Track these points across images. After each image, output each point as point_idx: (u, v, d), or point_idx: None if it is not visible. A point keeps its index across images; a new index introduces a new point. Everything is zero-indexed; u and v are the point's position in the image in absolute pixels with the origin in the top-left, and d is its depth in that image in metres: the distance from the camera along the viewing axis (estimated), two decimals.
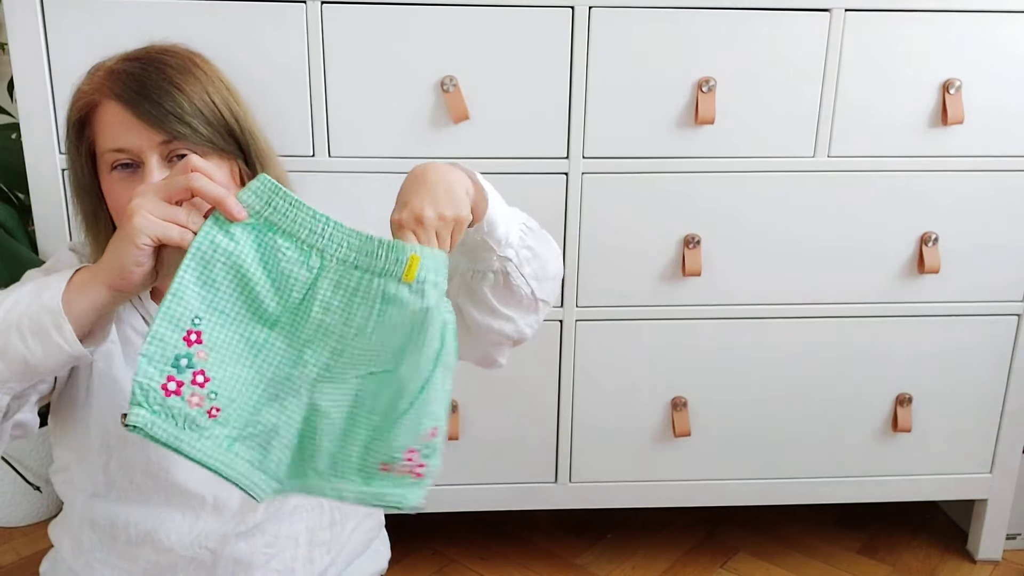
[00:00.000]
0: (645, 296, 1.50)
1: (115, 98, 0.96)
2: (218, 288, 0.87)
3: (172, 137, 0.96)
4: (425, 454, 0.89)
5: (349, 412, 0.90)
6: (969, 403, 1.61)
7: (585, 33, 1.36)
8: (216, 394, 0.87)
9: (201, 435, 0.87)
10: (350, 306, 0.88)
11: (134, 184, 0.96)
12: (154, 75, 0.97)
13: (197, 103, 0.98)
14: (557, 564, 1.70)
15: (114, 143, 0.96)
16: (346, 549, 1.18)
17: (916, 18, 1.40)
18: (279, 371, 0.89)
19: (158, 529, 1.06)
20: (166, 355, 0.86)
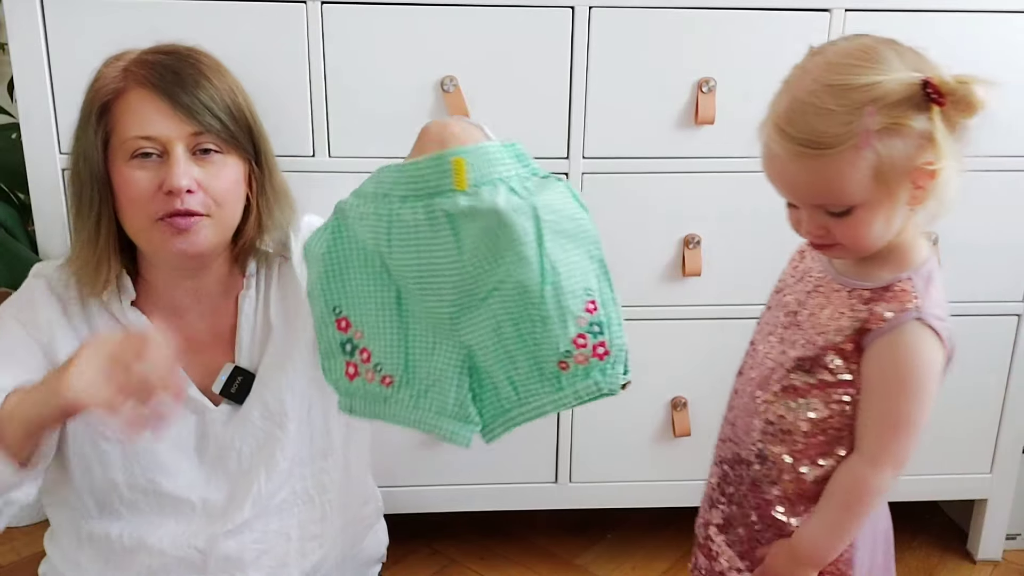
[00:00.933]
0: (645, 296, 1.50)
1: (148, 86, 0.96)
2: (336, 276, 0.92)
3: (203, 129, 0.97)
4: (595, 332, 0.91)
5: (496, 335, 0.91)
6: (969, 403, 1.61)
7: (585, 33, 1.36)
8: (381, 365, 0.93)
9: (388, 403, 0.94)
10: (430, 239, 0.88)
11: (156, 174, 0.96)
12: (188, 68, 0.99)
13: (227, 100, 1.00)
14: (557, 564, 1.70)
15: (142, 130, 0.96)
16: (340, 541, 1.18)
17: (916, 18, 1.40)
18: (418, 324, 0.93)
19: (150, 535, 1.07)
20: (333, 347, 0.94)
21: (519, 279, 0.87)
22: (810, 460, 0.95)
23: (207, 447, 1.09)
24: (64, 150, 1.33)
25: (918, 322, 0.88)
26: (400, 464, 1.56)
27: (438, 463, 1.57)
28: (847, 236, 0.87)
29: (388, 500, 1.43)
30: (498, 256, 0.87)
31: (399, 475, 1.56)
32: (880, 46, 0.85)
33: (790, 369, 0.94)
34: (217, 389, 1.08)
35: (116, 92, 0.98)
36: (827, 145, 0.82)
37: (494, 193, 0.86)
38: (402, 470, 1.56)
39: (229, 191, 1.02)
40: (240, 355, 1.10)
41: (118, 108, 0.98)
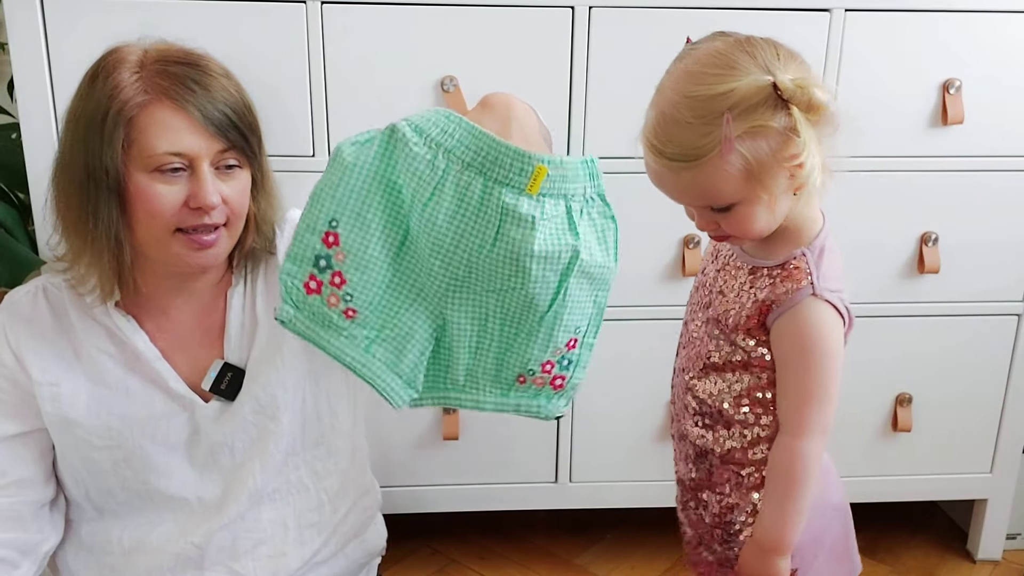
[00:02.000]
0: (645, 296, 1.50)
1: (178, 100, 0.95)
2: (352, 191, 0.87)
3: (231, 146, 0.97)
4: (563, 365, 0.91)
5: (480, 325, 0.91)
6: (969, 403, 1.61)
7: (585, 33, 1.36)
8: (352, 296, 0.88)
9: (339, 334, 0.89)
10: (473, 216, 0.86)
11: (182, 189, 0.96)
12: (210, 80, 0.98)
13: (244, 110, 1.00)
14: (557, 564, 1.70)
15: (171, 146, 0.95)
16: (340, 530, 1.18)
17: (916, 18, 1.39)
18: (413, 278, 0.90)
19: (149, 534, 1.07)
20: (307, 255, 0.88)
21: (530, 293, 0.88)
22: (740, 435, 0.99)
23: (199, 443, 1.08)
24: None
25: (813, 297, 0.93)
26: (400, 464, 1.56)
27: (438, 463, 1.57)
28: (734, 228, 0.92)
29: (388, 500, 1.43)
30: (526, 268, 0.87)
31: (399, 475, 1.56)
32: (733, 50, 0.87)
33: (712, 348, 0.98)
34: (207, 386, 1.07)
35: (141, 105, 0.95)
36: (694, 157, 0.85)
37: (556, 208, 0.87)
38: (402, 470, 1.56)
39: (245, 203, 1.03)
40: (229, 351, 1.09)
41: (142, 121, 0.95)
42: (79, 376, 1.04)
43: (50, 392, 1.03)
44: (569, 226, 0.88)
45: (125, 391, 1.05)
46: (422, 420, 1.54)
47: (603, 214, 0.91)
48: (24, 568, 1.03)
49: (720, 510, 1.02)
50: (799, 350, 0.94)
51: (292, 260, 0.89)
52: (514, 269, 0.87)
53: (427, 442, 1.55)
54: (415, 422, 1.54)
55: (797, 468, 0.95)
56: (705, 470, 1.02)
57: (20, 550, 1.03)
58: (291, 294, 0.90)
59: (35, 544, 1.05)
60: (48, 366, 1.03)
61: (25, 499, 1.04)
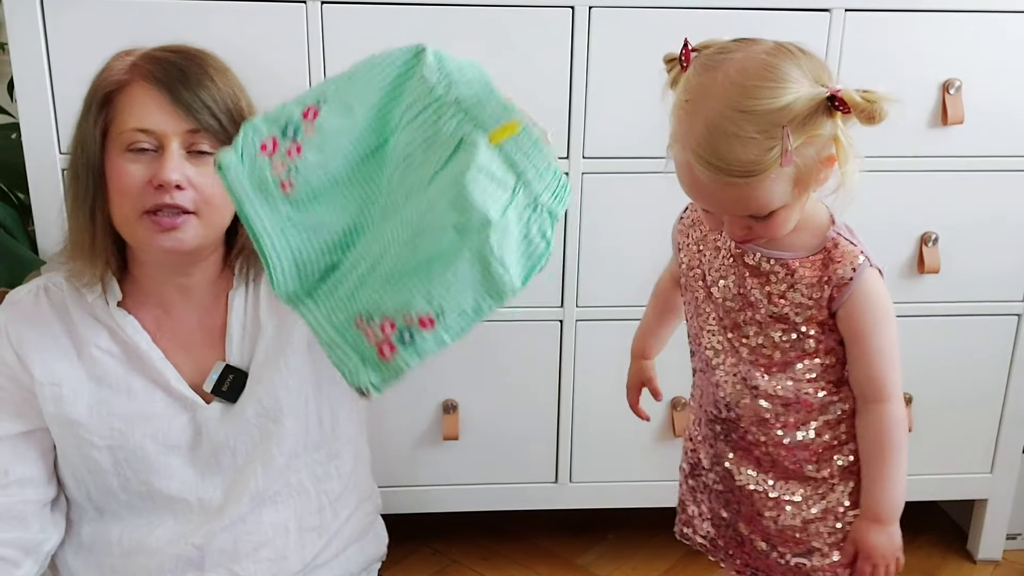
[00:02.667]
0: (645, 296, 1.50)
1: (152, 80, 0.97)
2: (355, 82, 0.87)
3: (200, 127, 0.98)
4: (401, 337, 0.82)
5: (378, 253, 0.84)
6: (969, 403, 1.61)
7: (585, 33, 1.36)
8: (297, 170, 0.85)
9: (266, 200, 0.85)
10: (438, 145, 0.83)
11: (148, 168, 0.97)
12: (194, 67, 1.00)
13: (228, 102, 1.01)
14: (558, 564, 1.70)
15: (140, 123, 0.97)
16: (341, 534, 1.18)
17: (916, 18, 1.39)
18: (361, 186, 0.87)
19: (149, 534, 1.07)
20: (279, 119, 0.86)
21: (420, 240, 0.81)
22: (825, 422, 1.02)
23: (201, 445, 1.08)
24: (64, 150, 1.33)
25: (871, 268, 0.97)
26: (400, 464, 1.56)
27: (438, 463, 1.57)
28: (769, 231, 0.93)
29: (388, 500, 1.43)
30: (440, 209, 0.81)
31: (399, 475, 1.56)
32: (780, 61, 0.87)
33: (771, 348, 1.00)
34: (208, 388, 1.07)
35: (120, 84, 0.99)
36: (755, 171, 0.86)
37: (504, 175, 0.81)
38: (402, 470, 1.56)
39: (219, 191, 0.98)
40: (231, 353, 1.09)
41: (120, 100, 0.99)
42: (81, 375, 1.04)
43: (52, 392, 1.03)
44: (501, 201, 0.81)
45: (127, 391, 1.05)
46: (422, 420, 1.54)
47: (541, 235, 0.83)
48: (26, 567, 1.03)
49: (811, 514, 1.03)
50: (873, 320, 0.98)
51: (264, 119, 0.86)
52: (432, 202, 0.82)
53: (427, 442, 1.55)
54: (415, 422, 1.54)
55: (895, 431, 0.99)
56: (781, 471, 1.04)
57: (22, 549, 1.03)
58: (244, 145, 0.85)
59: (37, 543, 1.05)
60: (50, 366, 1.03)
61: (27, 498, 1.04)
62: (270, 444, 1.09)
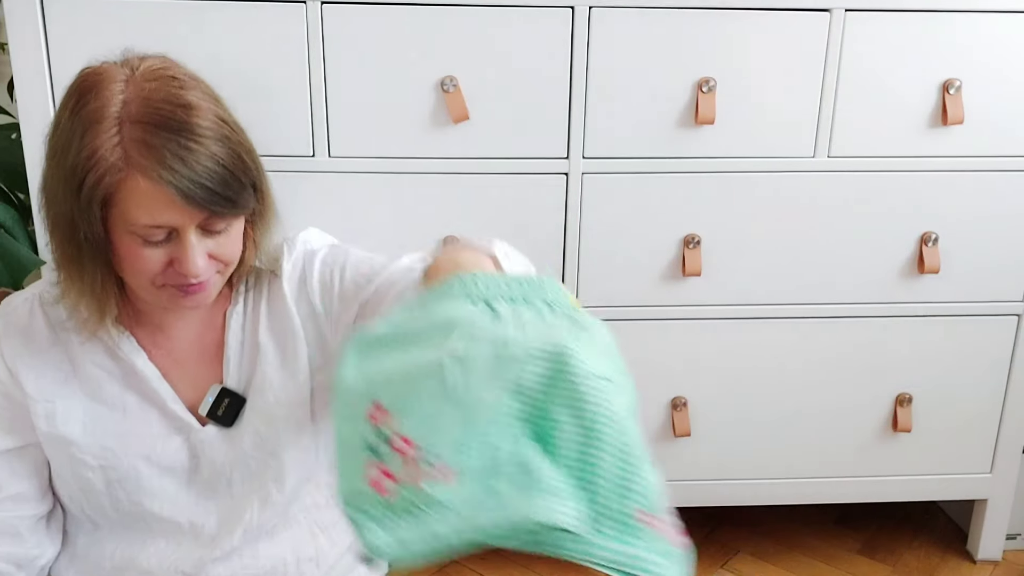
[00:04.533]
0: (645, 296, 1.50)
1: (156, 179, 0.86)
2: (396, 369, 0.69)
3: (215, 214, 0.90)
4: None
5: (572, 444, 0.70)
6: (969, 403, 1.61)
7: (585, 33, 1.36)
8: (430, 450, 0.65)
9: (457, 509, 0.64)
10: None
11: (165, 252, 0.90)
12: (192, 143, 0.87)
13: (236, 172, 0.91)
14: (557, 564, 1.69)
15: (151, 220, 0.88)
16: (340, 563, 1.15)
17: (916, 18, 1.39)
18: (475, 409, 0.67)
19: (139, 554, 1.05)
20: (355, 457, 0.67)
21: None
22: None
23: (196, 469, 1.04)
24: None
25: None
26: None
27: None
28: None
29: None
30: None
31: None
32: None
33: None
34: (204, 411, 1.03)
35: (117, 182, 0.86)
36: None
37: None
38: None
39: (237, 250, 0.97)
40: (228, 374, 1.04)
41: (120, 193, 0.87)
42: (75, 392, 1.01)
43: (44, 409, 1.00)
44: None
45: (123, 409, 1.02)
46: None
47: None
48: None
49: None
50: None
51: (344, 481, 0.67)
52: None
53: None
54: None
55: None
56: None
57: (17, 564, 1.02)
58: (366, 513, 0.65)
59: (33, 558, 1.03)
60: (43, 382, 1.00)
61: (22, 513, 1.02)
62: (267, 478, 1.06)
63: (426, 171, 1.40)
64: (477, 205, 1.43)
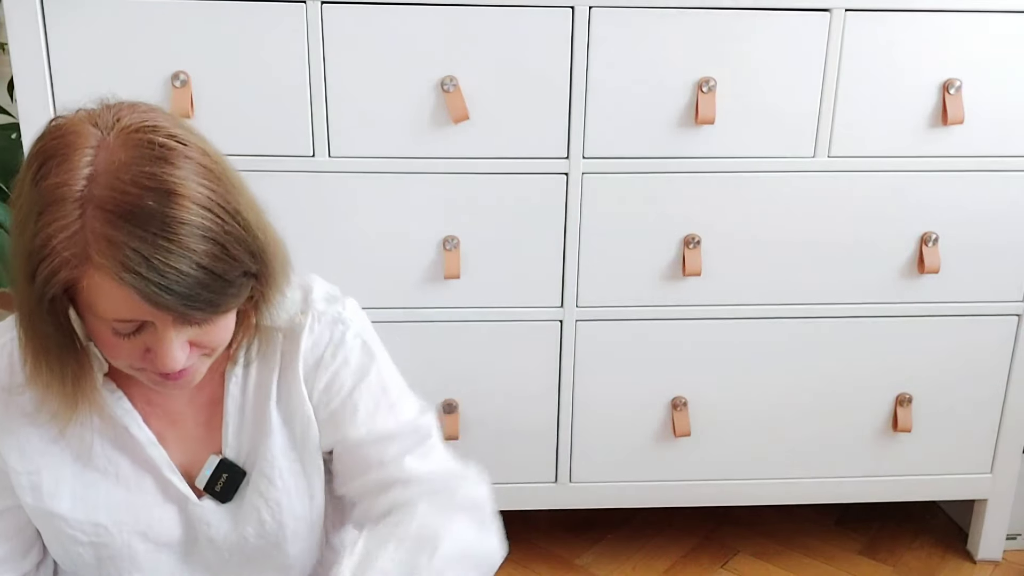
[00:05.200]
0: (645, 296, 1.50)
1: (114, 279, 0.71)
2: None
3: (190, 318, 0.77)
4: None
5: None
6: (969, 403, 1.61)
7: (585, 33, 1.36)
8: None
9: None
10: None
11: (141, 340, 0.79)
12: (165, 247, 0.72)
13: (219, 272, 0.75)
14: (557, 564, 1.70)
15: (118, 315, 0.75)
16: None
17: (916, 18, 1.39)
18: None
19: None
20: None
21: None
22: None
23: (195, 541, 0.96)
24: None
25: None
26: None
27: None
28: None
29: None
30: None
31: None
32: None
33: None
34: (201, 484, 0.93)
35: (75, 277, 0.73)
36: None
37: None
38: None
39: (226, 337, 0.85)
40: (226, 445, 0.94)
41: (81, 287, 0.74)
42: (63, 456, 0.91)
43: (29, 481, 0.90)
44: None
45: (115, 476, 0.92)
46: None
47: None
48: None
49: None
50: None
51: None
52: None
53: None
54: None
55: None
56: None
57: None
58: None
59: None
60: (27, 449, 0.89)
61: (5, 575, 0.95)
62: (268, 569, 0.99)
63: (426, 171, 1.40)
64: (477, 205, 1.43)
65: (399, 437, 0.94)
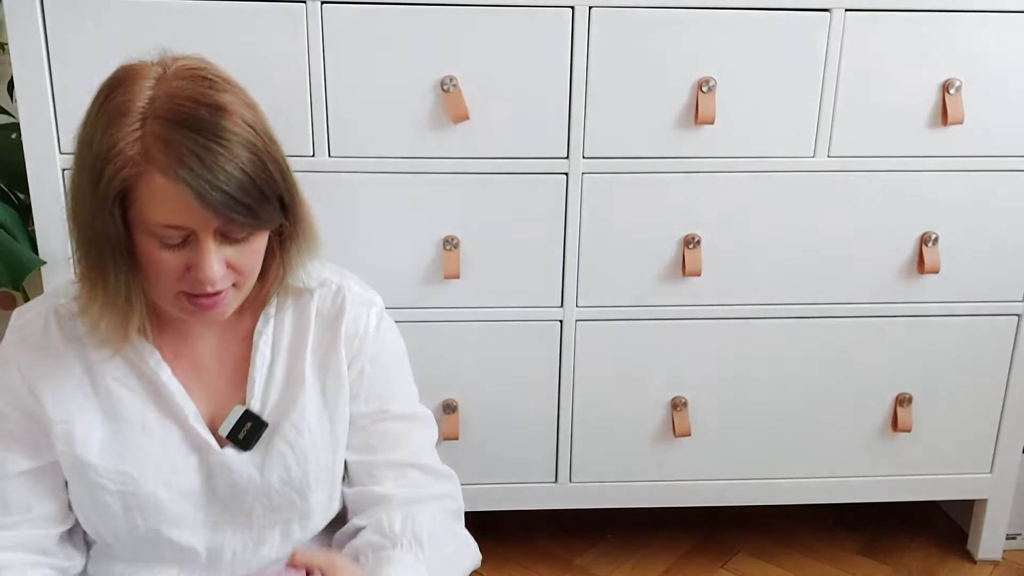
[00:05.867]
0: (645, 296, 1.50)
1: (173, 177, 0.83)
2: None
3: (232, 222, 0.87)
4: None
5: None
6: (969, 403, 1.61)
7: (585, 33, 1.36)
8: None
9: None
10: None
11: (183, 256, 0.88)
12: (216, 146, 0.84)
13: (258, 176, 0.87)
14: (557, 564, 1.70)
15: (167, 220, 0.85)
16: None
17: (916, 18, 1.39)
18: None
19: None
20: None
21: None
22: None
23: (214, 490, 1.01)
24: (64, 150, 1.33)
25: None
26: None
27: None
28: None
29: None
30: None
31: None
32: None
33: None
34: (224, 432, 1.00)
35: (135, 176, 0.84)
36: None
37: None
38: None
39: (256, 261, 0.95)
40: (252, 397, 1.01)
41: (138, 191, 0.85)
42: (95, 410, 0.98)
43: (63, 430, 0.97)
44: None
45: (143, 425, 0.99)
46: None
47: None
48: None
49: None
50: None
51: None
52: None
53: None
54: None
55: None
56: None
57: (61, 571, 1.01)
58: None
59: (65, 569, 1.02)
60: (62, 401, 0.97)
61: (50, 532, 1.00)
62: (292, 517, 1.04)
63: (426, 171, 1.40)
64: (477, 205, 1.43)
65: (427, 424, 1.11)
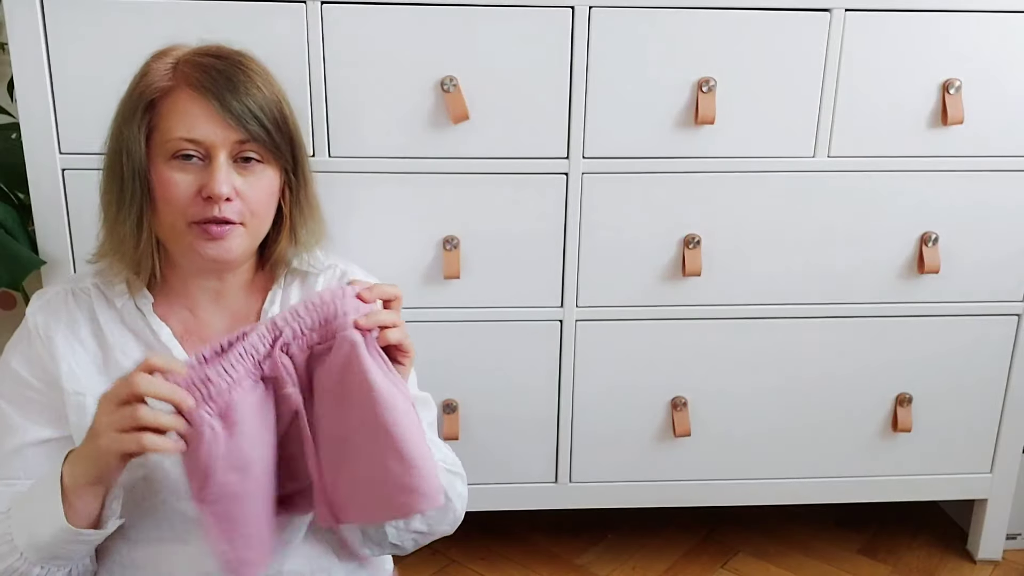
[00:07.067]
0: (645, 296, 1.50)
1: (199, 88, 0.95)
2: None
3: (249, 137, 0.96)
4: None
5: None
6: (969, 403, 1.61)
7: (585, 33, 1.36)
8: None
9: None
10: None
11: (196, 178, 0.96)
12: (239, 74, 0.98)
13: (274, 109, 0.99)
14: (557, 564, 1.70)
15: (188, 132, 0.95)
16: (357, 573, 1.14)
17: (916, 18, 1.40)
18: None
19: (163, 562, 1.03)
20: None
21: None
22: None
23: None
24: (65, 150, 1.33)
25: None
26: None
27: None
28: None
29: None
30: None
31: None
32: None
33: None
34: None
35: (164, 90, 0.96)
36: None
37: None
38: None
39: (265, 201, 1.01)
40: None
41: (164, 106, 0.96)
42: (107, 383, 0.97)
43: (76, 401, 1.00)
44: None
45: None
46: None
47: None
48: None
49: None
50: None
51: None
52: None
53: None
54: None
55: None
56: None
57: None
58: None
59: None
60: (76, 373, 1.01)
61: None
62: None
63: (426, 171, 1.40)
64: (477, 205, 1.43)
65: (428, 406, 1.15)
